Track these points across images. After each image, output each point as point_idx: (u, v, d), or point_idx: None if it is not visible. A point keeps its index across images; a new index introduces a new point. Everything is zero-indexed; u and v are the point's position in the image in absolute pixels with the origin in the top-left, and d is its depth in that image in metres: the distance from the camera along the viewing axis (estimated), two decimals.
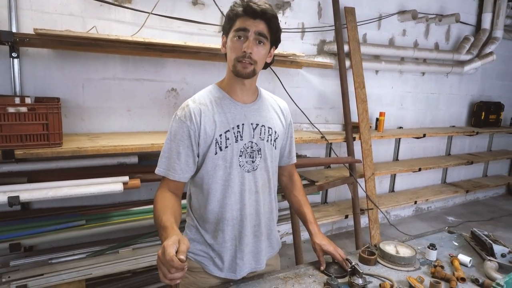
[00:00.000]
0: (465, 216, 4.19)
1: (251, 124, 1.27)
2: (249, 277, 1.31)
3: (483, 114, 4.29)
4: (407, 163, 3.73)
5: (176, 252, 0.88)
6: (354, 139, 3.04)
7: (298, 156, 3.05)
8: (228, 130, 1.24)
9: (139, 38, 1.78)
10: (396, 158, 3.86)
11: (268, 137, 1.31)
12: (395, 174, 3.84)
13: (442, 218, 4.12)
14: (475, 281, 1.28)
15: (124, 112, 2.40)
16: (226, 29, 1.24)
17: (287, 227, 2.95)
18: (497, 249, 1.43)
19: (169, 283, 0.89)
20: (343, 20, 3.03)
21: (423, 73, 3.86)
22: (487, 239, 1.51)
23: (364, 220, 3.35)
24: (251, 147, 1.27)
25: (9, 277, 1.86)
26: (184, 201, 1.39)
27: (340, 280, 1.24)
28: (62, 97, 2.17)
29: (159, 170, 1.24)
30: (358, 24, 3.11)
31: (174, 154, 1.23)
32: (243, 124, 1.26)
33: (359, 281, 1.21)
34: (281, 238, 3.10)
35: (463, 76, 4.21)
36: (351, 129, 3.02)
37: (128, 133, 2.37)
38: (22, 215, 2.04)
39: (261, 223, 1.33)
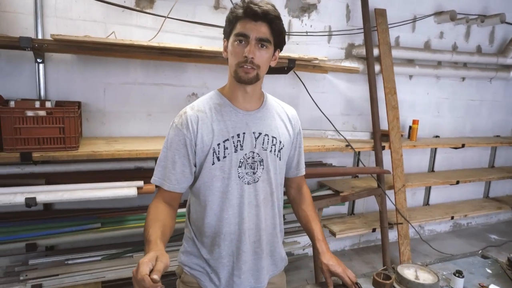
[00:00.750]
0: (510, 234, 3.83)
1: (253, 133, 1.20)
2: None
3: None
4: (443, 175, 3.47)
5: (151, 270, 0.82)
6: (383, 148, 2.87)
7: (322, 164, 2.93)
8: (227, 139, 1.17)
9: (154, 42, 1.76)
10: (431, 169, 3.61)
11: (271, 147, 1.22)
12: (430, 187, 3.58)
13: (483, 236, 3.79)
14: None
15: (144, 116, 2.41)
16: (227, 33, 1.18)
17: (307, 238, 2.82)
18: None
19: None
20: (373, 22, 2.88)
21: (463, 78, 3.58)
22: None
23: (394, 234, 3.14)
24: (252, 158, 1.19)
25: (26, 275, 1.90)
26: (183, 210, 1.34)
27: None
28: (84, 101, 2.22)
29: (154, 180, 1.20)
30: (389, 26, 2.94)
31: (170, 163, 1.18)
32: (244, 133, 1.19)
33: None
34: (303, 250, 3.02)
35: (510, 82, 3.86)
36: (380, 137, 2.85)
37: (147, 137, 2.37)
38: (43, 215, 2.09)
39: (262, 239, 1.24)
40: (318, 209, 2.35)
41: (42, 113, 1.72)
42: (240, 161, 1.18)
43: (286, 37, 1.25)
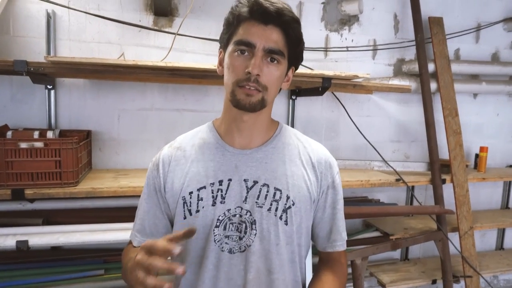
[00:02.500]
0: None
1: (244, 180, 0.86)
2: None
3: None
4: None
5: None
6: (443, 181, 2.37)
7: (368, 200, 2.49)
8: (204, 187, 0.86)
9: (161, 62, 1.52)
10: (505, 206, 2.98)
11: (271, 204, 0.86)
12: (504, 228, 2.96)
13: None
14: None
15: (162, 145, 2.11)
16: (224, 40, 0.88)
17: None
18: None
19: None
20: (427, 33, 2.46)
21: None
22: None
23: (459, 287, 2.58)
24: (240, 216, 0.85)
25: None
26: None
27: None
28: (97, 129, 2.04)
29: (130, 235, 0.96)
30: (447, 37, 2.49)
31: (141, 212, 0.94)
32: (229, 180, 0.86)
33: None
34: None
35: None
36: (439, 168, 2.36)
37: None
38: (48, 256, 1.88)
39: None
40: (362, 258, 1.92)
41: (38, 144, 1.53)
42: (218, 219, 0.85)
43: (323, 53, 0.93)
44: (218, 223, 0.85)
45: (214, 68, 1.67)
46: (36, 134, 1.61)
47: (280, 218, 0.86)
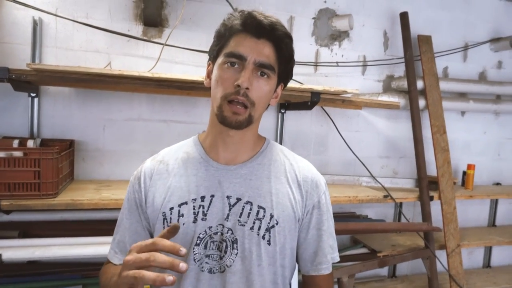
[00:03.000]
0: None
1: (227, 197, 0.83)
2: None
3: None
4: (508, 230, 2.84)
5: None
6: (431, 198, 2.36)
7: (355, 216, 2.46)
8: (185, 203, 0.83)
9: (147, 73, 1.50)
10: (492, 224, 2.99)
11: (253, 223, 0.83)
12: (491, 246, 2.96)
13: None
14: None
15: (147, 156, 2.08)
16: (213, 53, 0.85)
17: None
18: None
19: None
20: (416, 51, 2.48)
21: None
22: None
23: None
24: (221, 234, 0.82)
25: None
26: None
27: None
28: (81, 139, 1.98)
29: (108, 253, 0.92)
30: (436, 55, 2.52)
31: (122, 229, 0.90)
32: (212, 196, 0.83)
33: None
34: None
35: None
36: (427, 185, 2.36)
37: None
38: (24, 270, 1.81)
39: None
40: (348, 276, 1.89)
41: (17, 154, 1.48)
42: (198, 237, 0.82)
43: (313, 68, 0.92)
44: (198, 241, 0.81)
45: (202, 79, 1.66)
46: (15, 143, 1.56)
47: (263, 237, 0.83)
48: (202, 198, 0.83)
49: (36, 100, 1.89)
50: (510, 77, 2.91)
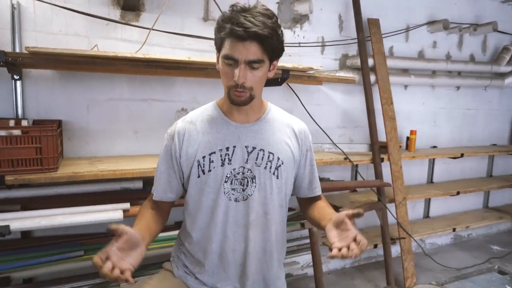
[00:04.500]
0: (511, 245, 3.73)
1: (246, 147, 1.11)
2: None
3: None
4: (443, 186, 3.37)
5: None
6: (382, 160, 2.77)
7: (319, 179, 2.80)
8: (214, 152, 1.09)
9: (139, 54, 1.65)
10: (430, 181, 3.51)
11: (266, 164, 1.12)
12: (429, 199, 3.48)
13: (485, 247, 3.68)
14: None
15: (131, 134, 2.27)
16: (217, 46, 1.08)
17: (307, 257, 2.68)
18: None
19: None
20: (367, 32, 2.82)
21: (458, 87, 3.53)
22: None
23: (396, 249, 3.01)
24: (243, 173, 1.10)
25: None
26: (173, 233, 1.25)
27: None
28: (66, 119, 2.08)
29: (152, 189, 1.22)
30: (383, 36, 2.88)
31: (158, 173, 1.17)
32: (234, 147, 1.10)
33: None
34: (301, 270, 2.86)
35: (504, 90, 3.83)
36: (378, 149, 2.75)
37: (135, 156, 2.23)
38: (21, 244, 1.91)
39: (248, 263, 1.14)
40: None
41: (17, 132, 1.58)
42: (226, 176, 1.10)
43: None
44: (226, 179, 1.10)
45: (187, 59, 1.85)
46: (12, 123, 1.65)
47: (273, 174, 1.13)
48: (227, 148, 1.10)
49: (19, 83, 1.94)
50: (443, 55, 3.38)
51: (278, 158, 1.13)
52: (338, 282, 2.90)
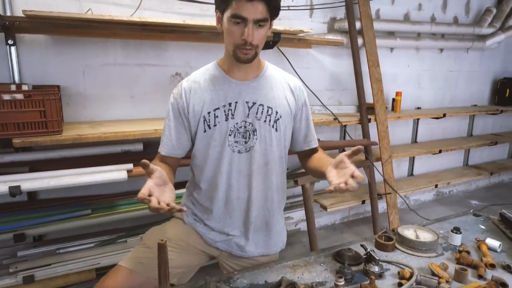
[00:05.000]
0: (489, 199, 3.99)
1: (246, 102, 1.19)
2: (254, 265, 1.23)
3: (507, 92, 4.04)
4: (426, 145, 3.55)
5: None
6: (369, 120, 2.90)
7: None
8: (218, 108, 1.18)
9: (135, 17, 1.68)
10: (414, 140, 3.69)
11: (266, 117, 1.20)
12: (414, 157, 3.67)
13: (464, 202, 3.94)
14: (506, 267, 1.15)
15: (127, 98, 2.32)
16: (220, 6, 1.12)
17: (300, 213, 2.85)
18: None
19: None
20: None
21: (441, 50, 3.64)
22: None
23: (382, 206, 3.21)
24: (245, 127, 1.19)
25: (16, 267, 1.83)
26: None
27: (354, 268, 1.13)
28: (63, 84, 2.11)
29: (159, 149, 1.28)
30: None
31: (167, 130, 1.24)
32: (236, 102, 1.19)
33: (375, 268, 1.11)
34: (295, 226, 3.04)
35: (485, 52, 3.96)
36: (365, 110, 2.87)
37: (131, 120, 2.29)
38: (28, 206, 2.00)
39: (252, 210, 1.25)
40: (310, 183, 2.36)
41: (19, 96, 1.62)
42: (230, 130, 1.19)
43: None
44: (230, 133, 1.18)
45: (181, 22, 1.89)
46: (13, 87, 1.69)
47: (273, 126, 1.22)
48: (230, 104, 1.18)
49: (13, 48, 1.95)
50: (427, 17, 3.46)
51: (277, 112, 1.21)
52: (329, 236, 3.10)
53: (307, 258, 1.22)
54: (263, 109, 1.20)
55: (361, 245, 1.21)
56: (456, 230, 1.31)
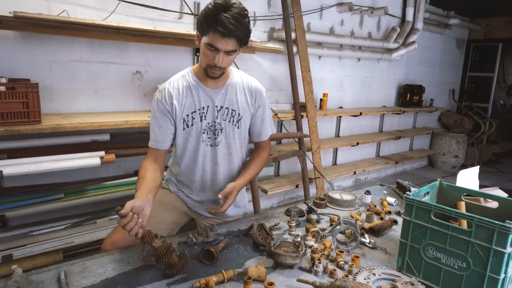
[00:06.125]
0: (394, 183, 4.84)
1: (216, 106, 1.49)
2: (226, 222, 1.61)
3: (408, 96, 4.95)
4: (347, 138, 4.23)
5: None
6: (302, 117, 3.43)
7: None
8: (195, 111, 1.47)
9: (113, 22, 1.93)
10: (337, 135, 4.36)
11: (230, 118, 1.52)
12: (337, 148, 4.34)
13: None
14: (397, 213, 1.71)
15: (91, 93, 2.52)
16: (200, 30, 1.35)
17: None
18: (413, 190, 1.88)
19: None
20: (290, 10, 3.37)
21: (359, 59, 4.36)
22: (408, 185, 1.96)
23: (312, 191, 3.78)
24: (214, 126, 1.51)
25: None
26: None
27: (300, 218, 1.59)
28: (30, 78, 2.24)
29: (149, 143, 1.51)
30: (303, 13, 3.46)
31: (156, 127, 1.47)
32: (208, 106, 1.48)
33: (314, 217, 1.57)
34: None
35: (391, 62, 4.81)
36: (299, 108, 3.40)
37: (96, 113, 2.49)
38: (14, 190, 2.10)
39: (221, 187, 1.54)
40: None
41: (2, 88, 1.78)
42: (203, 129, 1.49)
43: None
44: (203, 131, 1.49)
45: (152, 29, 2.17)
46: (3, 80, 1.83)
47: (235, 125, 1.54)
48: (203, 108, 1.47)
49: None
50: (348, 32, 4.13)
51: (239, 114, 1.51)
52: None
53: (265, 214, 1.64)
54: (228, 111, 1.50)
55: (304, 202, 1.67)
56: (367, 192, 1.85)
